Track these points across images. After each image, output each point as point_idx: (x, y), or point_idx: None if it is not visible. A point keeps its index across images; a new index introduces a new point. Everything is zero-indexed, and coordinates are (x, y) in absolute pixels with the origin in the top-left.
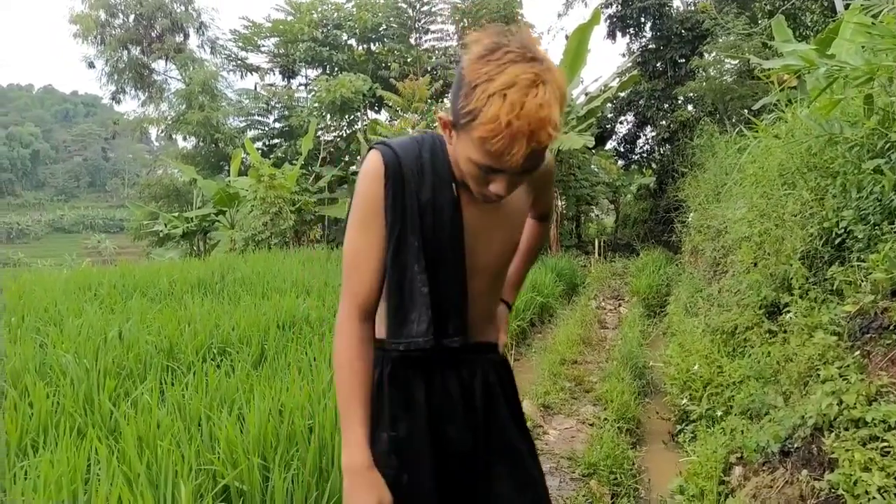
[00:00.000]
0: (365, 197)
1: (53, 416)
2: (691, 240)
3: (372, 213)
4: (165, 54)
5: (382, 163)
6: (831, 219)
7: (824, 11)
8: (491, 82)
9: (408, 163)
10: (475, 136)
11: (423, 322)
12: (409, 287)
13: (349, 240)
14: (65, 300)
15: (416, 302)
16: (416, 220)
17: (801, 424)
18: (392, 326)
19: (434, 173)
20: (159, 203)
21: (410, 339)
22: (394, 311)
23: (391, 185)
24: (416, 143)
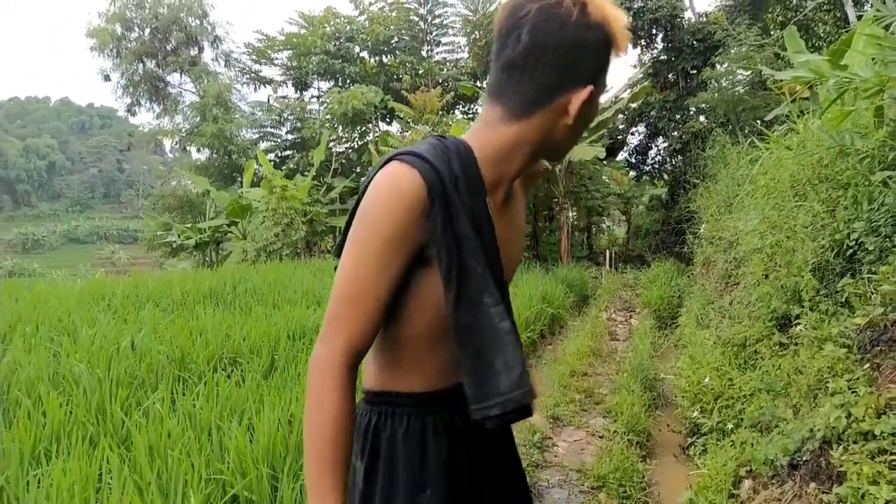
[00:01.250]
0: (384, 219)
1: (66, 425)
2: (703, 251)
3: (395, 241)
4: (180, 67)
5: (422, 182)
6: (842, 230)
7: (837, 22)
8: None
9: (448, 177)
10: (617, 50)
11: (514, 369)
12: (484, 326)
13: (353, 264)
14: (78, 310)
15: (497, 343)
16: (473, 242)
17: (809, 437)
18: (476, 384)
19: (469, 185)
20: (173, 214)
21: (506, 397)
22: (472, 365)
23: (439, 208)
24: (442, 150)
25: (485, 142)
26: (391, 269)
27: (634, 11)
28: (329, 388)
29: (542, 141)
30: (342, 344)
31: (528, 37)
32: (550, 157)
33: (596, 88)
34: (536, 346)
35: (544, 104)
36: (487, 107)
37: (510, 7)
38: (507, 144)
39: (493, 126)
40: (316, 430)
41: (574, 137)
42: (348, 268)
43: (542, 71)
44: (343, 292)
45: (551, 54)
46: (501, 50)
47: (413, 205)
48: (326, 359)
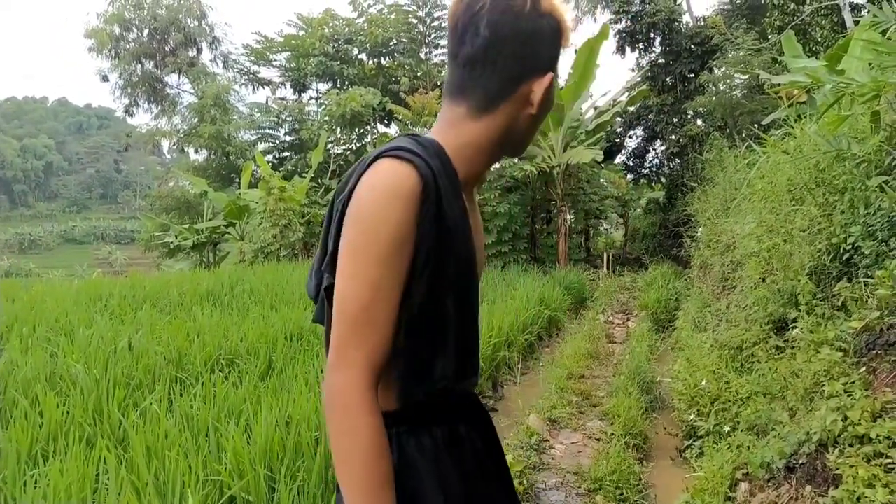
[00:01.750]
0: (386, 223)
1: (63, 426)
2: (700, 254)
3: (399, 243)
4: (178, 68)
5: (418, 177)
6: (839, 234)
7: (834, 27)
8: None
9: (439, 174)
10: (564, 41)
11: (448, 368)
12: (442, 327)
13: (364, 279)
14: (76, 311)
15: (446, 347)
16: (450, 245)
17: (805, 440)
18: (413, 371)
19: (448, 181)
20: (170, 215)
21: (431, 386)
22: (424, 354)
23: (431, 204)
24: (423, 147)
25: (453, 141)
26: (399, 276)
27: (632, 15)
28: (361, 415)
29: (506, 134)
30: (362, 366)
31: (486, 30)
32: (513, 153)
33: (553, 75)
34: (534, 349)
35: (508, 96)
36: (448, 106)
37: (465, 3)
38: (474, 141)
39: (458, 124)
40: (358, 460)
41: (535, 128)
42: (354, 282)
43: (503, 63)
44: (355, 310)
45: (510, 45)
46: (460, 46)
47: (412, 202)
48: (348, 386)
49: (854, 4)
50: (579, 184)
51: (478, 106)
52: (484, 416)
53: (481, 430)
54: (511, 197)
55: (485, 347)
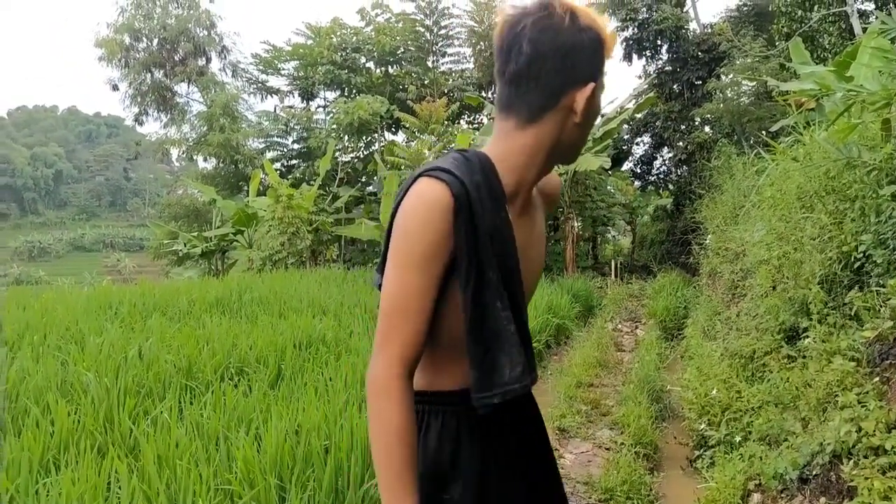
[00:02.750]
0: (422, 234)
1: (74, 434)
2: (709, 262)
3: (432, 253)
4: (188, 77)
5: (451, 196)
6: (850, 243)
7: (842, 34)
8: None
9: (472, 189)
10: (607, 52)
11: (517, 365)
12: (495, 328)
13: (400, 281)
14: (86, 319)
15: (504, 344)
16: (490, 253)
17: (819, 451)
18: (479, 377)
19: (490, 196)
20: (179, 223)
21: (506, 388)
22: (480, 360)
23: (463, 219)
24: (467, 163)
25: (502, 152)
26: (432, 280)
27: (640, 23)
28: (388, 400)
29: (554, 143)
30: (395, 356)
31: (528, 47)
32: (565, 160)
33: (597, 84)
34: (542, 357)
35: (552, 107)
36: (498, 121)
37: (507, 24)
38: (524, 151)
39: (507, 136)
40: (382, 441)
41: (584, 136)
42: (393, 284)
43: (546, 76)
44: (391, 307)
45: (552, 60)
46: (505, 64)
47: (445, 217)
48: (382, 372)
49: (862, 11)
50: (587, 191)
51: (525, 118)
52: (533, 413)
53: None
54: None
55: None
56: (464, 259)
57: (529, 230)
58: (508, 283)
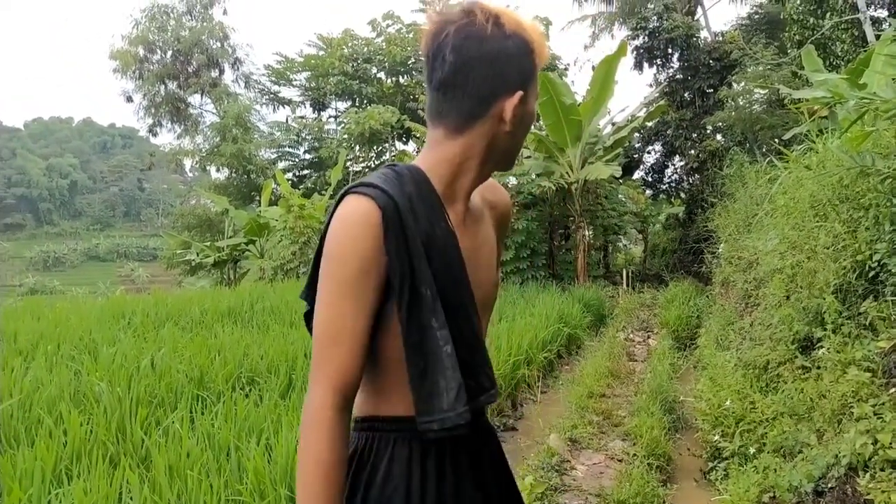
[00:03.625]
0: (351, 254)
1: (87, 444)
2: (722, 271)
3: (362, 273)
4: (201, 89)
5: (377, 209)
6: (864, 252)
7: (855, 41)
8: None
9: (401, 201)
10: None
11: (451, 390)
12: (430, 349)
13: (327, 306)
14: (99, 329)
15: (440, 366)
16: (424, 267)
17: (834, 464)
18: (419, 401)
19: (425, 205)
20: (192, 232)
21: (443, 415)
22: (419, 381)
23: (392, 234)
24: (396, 177)
25: (433, 161)
26: (365, 302)
27: (650, 31)
28: (317, 433)
29: (486, 151)
30: (329, 386)
31: (452, 56)
32: (500, 167)
33: (527, 93)
34: (553, 366)
35: (481, 115)
36: (429, 130)
37: (431, 32)
38: (454, 160)
39: (438, 145)
40: (306, 475)
41: (517, 143)
42: (324, 310)
43: (472, 85)
44: (323, 335)
45: (478, 68)
46: (432, 73)
47: (373, 234)
48: (314, 404)
49: (875, 18)
50: (598, 200)
51: (453, 127)
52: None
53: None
54: (529, 213)
55: (504, 366)
56: (396, 276)
57: (473, 239)
58: (452, 295)
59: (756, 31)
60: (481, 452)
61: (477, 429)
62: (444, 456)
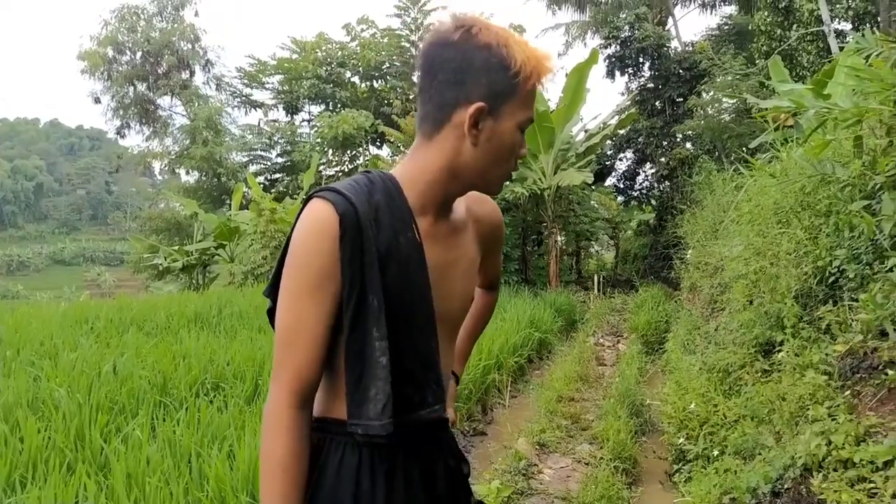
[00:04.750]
0: (310, 257)
1: (44, 452)
2: (690, 276)
3: (320, 277)
4: (171, 90)
5: (336, 214)
6: (825, 258)
7: (820, 52)
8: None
9: (363, 209)
10: (526, 88)
11: (379, 401)
12: (367, 357)
13: (286, 309)
14: (61, 333)
15: (374, 375)
16: (375, 276)
17: (791, 465)
18: (351, 404)
19: (391, 215)
20: (160, 236)
21: (369, 422)
22: (354, 386)
23: (349, 239)
24: (365, 184)
25: (409, 170)
26: (324, 306)
27: (622, 41)
28: (276, 431)
29: (453, 162)
30: (287, 386)
31: (421, 59)
32: (477, 187)
33: (497, 109)
34: (524, 371)
35: (443, 122)
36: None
37: (423, 43)
38: (426, 167)
39: (415, 153)
40: (266, 472)
41: (489, 163)
42: (284, 312)
43: (437, 89)
44: (283, 336)
45: (441, 72)
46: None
47: (327, 236)
48: (274, 401)
49: (839, 31)
50: (570, 206)
51: (426, 133)
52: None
53: (439, 465)
54: (502, 218)
55: (474, 370)
56: (346, 282)
57: (446, 251)
58: (408, 307)
59: (725, 42)
60: (436, 466)
61: (433, 442)
62: (395, 467)
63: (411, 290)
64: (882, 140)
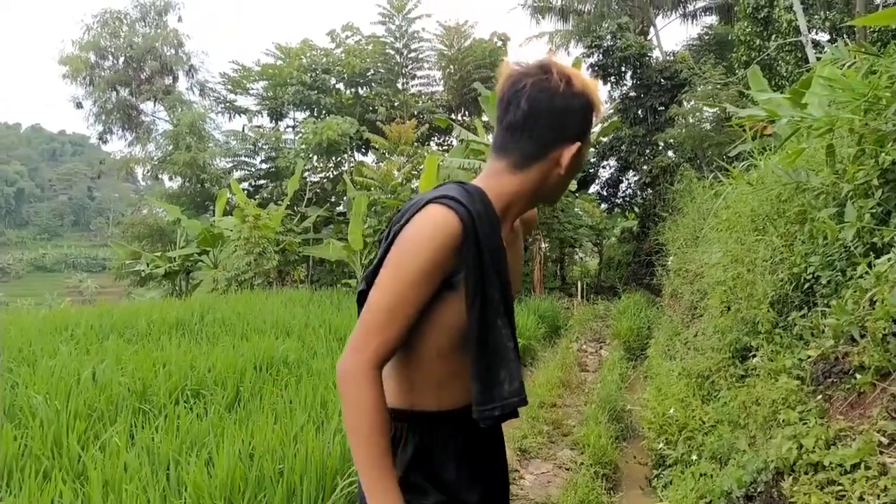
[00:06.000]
0: (430, 252)
1: (20, 459)
2: (671, 283)
3: (433, 272)
4: (154, 96)
5: (460, 225)
6: (800, 264)
7: (798, 63)
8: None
9: (477, 217)
10: (595, 119)
11: (514, 380)
12: (497, 345)
13: (390, 290)
14: (40, 340)
15: (504, 360)
16: (493, 275)
17: (763, 469)
18: (482, 391)
19: (489, 223)
20: (143, 242)
21: (505, 402)
22: (483, 374)
23: (469, 244)
24: (468, 194)
25: (493, 188)
26: (422, 294)
27: (605, 50)
28: (368, 389)
29: (538, 189)
30: (374, 352)
31: (526, 104)
32: (547, 202)
33: (583, 144)
34: None
35: (540, 158)
36: (493, 160)
37: (511, 80)
38: (511, 191)
39: (498, 176)
40: (363, 427)
41: (565, 185)
42: (388, 287)
43: (539, 131)
44: (382, 306)
45: (546, 118)
46: (504, 114)
47: (450, 242)
48: (360, 366)
49: (816, 41)
50: (554, 212)
51: (515, 163)
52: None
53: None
54: None
55: None
56: (470, 280)
57: (513, 254)
58: (507, 300)
59: (705, 52)
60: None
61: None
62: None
63: (505, 288)
64: (852, 149)
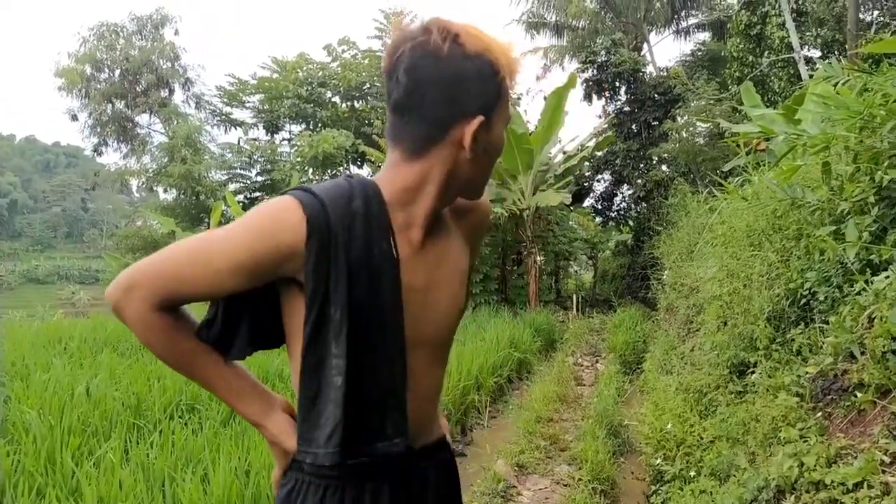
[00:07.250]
0: (259, 236)
1: (13, 476)
2: (666, 297)
3: (245, 263)
4: (150, 108)
5: (303, 216)
6: (796, 280)
7: (791, 79)
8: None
9: (336, 215)
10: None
11: (327, 427)
12: (324, 376)
13: (216, 238)
14: (33, 354)
15: (326, 398)
16: (342, 288)
17: (764, 486)
18: (303, 429)
19: (367, 224)
20: (137, 255)
21: (316, 451)
22: (307, 408)
23: (315, 243)
24: (346, 188)
25: (388, 183)
26: (241, 273)
27: (599, 65)
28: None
29: (446, 178)
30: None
31: (404, 76)
32: (466, 195)
33: (490, 119)
34: (504, 391)
35: (438, 141)
36: (389, 149)
37: (388, 50)
38: (409, 185)
39: (395, 168)
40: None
41: (482, 171)
42: (209, 236)
43: (427, 108)
44: (185, 247)
45: (432, 90)
46: (389, 93)
47: (284, 237)
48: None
49: (809, 58)
50: (549, 226)
51: (410, 151)
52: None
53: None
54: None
55: (453, 391)
56: (308, 288)
57: (435, 268)
58: (374, 324)
59: (699, 68)
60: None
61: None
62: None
63: (380, 307)
64: (849, 166)
